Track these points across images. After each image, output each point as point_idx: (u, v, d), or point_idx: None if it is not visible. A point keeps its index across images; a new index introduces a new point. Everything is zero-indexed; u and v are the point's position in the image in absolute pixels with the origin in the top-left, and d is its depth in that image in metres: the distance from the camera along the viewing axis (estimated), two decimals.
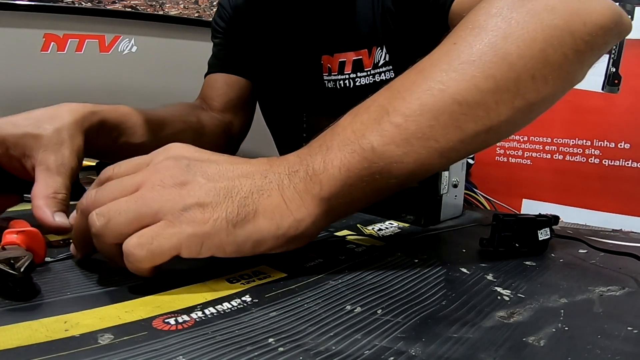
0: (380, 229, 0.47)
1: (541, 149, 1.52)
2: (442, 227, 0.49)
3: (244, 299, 0.30)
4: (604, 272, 0.37)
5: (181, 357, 0.23)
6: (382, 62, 0.64)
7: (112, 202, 0.30)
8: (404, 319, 0.28)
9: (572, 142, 1.46)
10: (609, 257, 0.41)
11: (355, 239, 0.43)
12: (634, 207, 1.38)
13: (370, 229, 0.47)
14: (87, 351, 0.23)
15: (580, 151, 1.45)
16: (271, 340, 0.25)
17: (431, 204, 0.49)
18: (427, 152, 0.33)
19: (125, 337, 0.24)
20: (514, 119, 0.35)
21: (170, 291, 0.30)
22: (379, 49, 0.64)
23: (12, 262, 0.29)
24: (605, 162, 1.42)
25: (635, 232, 0.50)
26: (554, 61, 0.35)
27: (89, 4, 1.37)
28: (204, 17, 1.58)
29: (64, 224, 0.39)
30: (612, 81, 1.38)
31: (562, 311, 0.29)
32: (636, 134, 1.37)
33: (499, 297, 0.31)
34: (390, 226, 0.49)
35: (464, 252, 0.41)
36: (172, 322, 0.26)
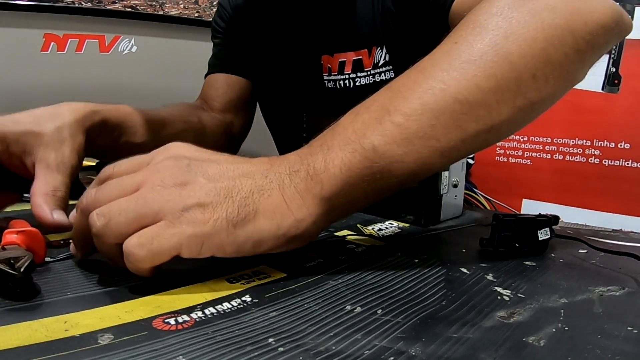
0: (380, 229, 0.47)
1: (541, 149, 1.52)
2: (442, 227, 0.49)
3: (244, 299, 0.30)
4: (604, 272, 0.37)
5: (181, 357, 0.23)
6: (382, 62, 0.64)
7: (113, 202, 0.30)
8: (404, 319, 0.28)
9: (572, 142, 1.46)
10: (609, 257, 0.41)
11: (355, 239, 0.43)
12: (634, 207, 1.38)
13: (370, 229, 0.47)
14: (87, 351, 0.23)
15: (580, 151, 1.45)
16: (271, 340, 0.25)
17: (431, 204, 0.49)
18: (428, 151, 0.33)
19: (125, 337, 0.24)
20: (515, 118, 0.35)
21: (170, 291, 0.30)
22: (379, 49, 0.64)
23: (12, 262, 0.29)
24: (605, 162, 1.42)
25: (635, 232, 0.50)
26: (555, 60, 0.35)
27: (89, 4, 1.37)
28: (204, 17, 1.58)
29: (62, 222, 0.39)
30: (612, 81, 1.38)
31: (562, 311, 0.29)
32: (636, 134, 1.37)
33: (499, 297, 0.31)
34: (390, 226, 0.49)
35: (464, 252, 0.41)
36: (172, 322, 0.26)
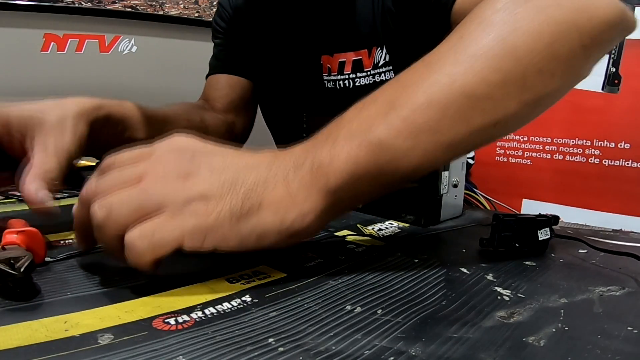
0: (380, 229, 0.47)
1: (541, 149, 1.52)
2: (442, 227, 0.49)
3: (244, 299, 0.30)
4: (604, 272, 0.37)
5: (181, 357, 0.23)
6: (382, 62, 0.64)
7: (114, 193, 0.30)
8: (404, 319, 0.28)
9: (572, 142, 1.47)
10: (609, 257, 0.41)
11: (355, 239, 0.43)
12: (634, 207, 1.38)
13: (370, 229, 0.47)
14: (87, 351, 0.23)
15: (580, 151, 1.45)
16: (271, 340, 0.25)
17: (431, 204, 0.49)
18: (435, 145, 0.33)
19: (125, 337, 0.24)
20: (521, 113, 0.35)
21: (170, 291, 0.30)
22: (379, 49, 0.64)
23: (12, 262, 0.29)
24: (605, 162, 1.42)
25: (635, 232, 0.50)
26: (561, 55, 0.35)
27: (89, 4, 1.37)
28: (204, 17, 1.58)
29: (43, 201, 0.38)
30: (612, 81, 1.38)
31: (562, 311, 0.29)
32: (636, 134, 1.37)
33: (499, 297, 0.31)
34: (390, 226, 0.49)
35: (464, 252, 0.41)
36: (172, 322, 0.26)
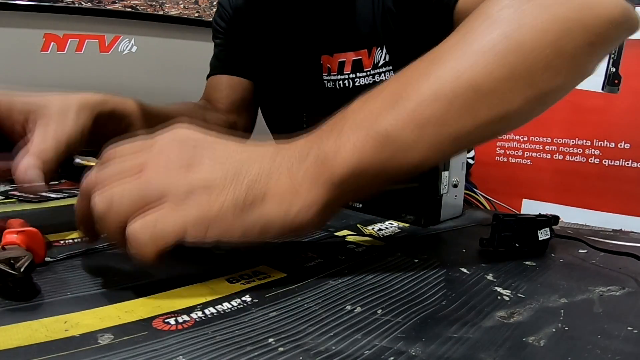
0: (380, 229, 0.47)
1: (541, 149, 1.52)
2: (442, 227, 0.49)
3: (244, 299, 0.30)
4: (604, 272, 0.37)
5: (181, 357, 0.23)
6: (381, 62, 0.64)
7: (115, 184, 0.30)
8: (404, 319, 0.28)
9: (572, 142, 1.46)
10: (609, 257, 0.41)
11: (355, 239, 0.43)
12: (634, 207, 1.38)
13: (370, 229, 0.47)
14: (87, 351, 0.23)
15: (580, 151, 1.45)
16: (271, 340, 0.25)
17: (431, 204, 0.49)
18: (440, 138, 0.33)
19: (125, 337, 0.24)
20: (527, 108, 0.35)
21: (170, 291, 0.30)
22: (379, 49, 0.64)
23: (12, 262, 0.29)
24: (605, 162, 1.42)
25: (635, 232, 0.50)
26: (566, 52, 0.35)
27: (89, 4, 1.37)
28: (204, 17, 1.58)
29: (32, 179, 0.38)
30: (612, 81, 1.38)
31: (562, 311, 0.29)
32: (636, 134, 1.37)
33: (499, 297, 0.31)
34: (390, 226, 0.49)
35: (464, 252, 0.41)
36: (172, 322, 0.26)
